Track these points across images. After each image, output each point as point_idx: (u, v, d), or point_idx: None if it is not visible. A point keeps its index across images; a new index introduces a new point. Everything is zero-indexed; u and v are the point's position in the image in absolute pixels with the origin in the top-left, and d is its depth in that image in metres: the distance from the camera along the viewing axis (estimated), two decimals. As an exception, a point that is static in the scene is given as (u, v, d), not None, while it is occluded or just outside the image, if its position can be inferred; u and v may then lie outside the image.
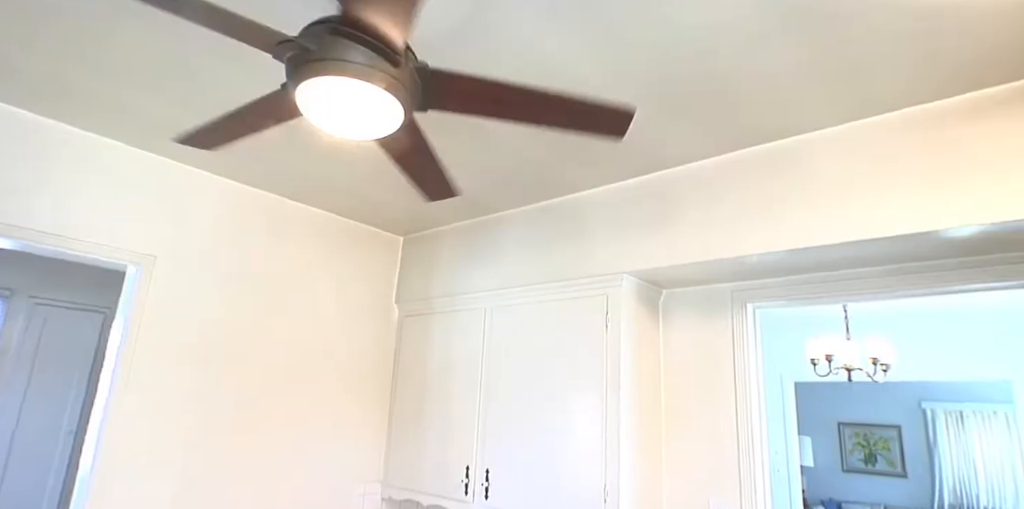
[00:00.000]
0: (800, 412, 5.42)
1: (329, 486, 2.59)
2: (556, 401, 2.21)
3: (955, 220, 1.55)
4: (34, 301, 3.30)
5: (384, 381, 2.88)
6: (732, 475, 2.04)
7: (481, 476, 2.35)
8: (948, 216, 1.56)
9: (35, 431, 3.18)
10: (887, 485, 7.79)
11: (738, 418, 2.08)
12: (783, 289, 2.12)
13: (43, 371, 3.25)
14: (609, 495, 1.97)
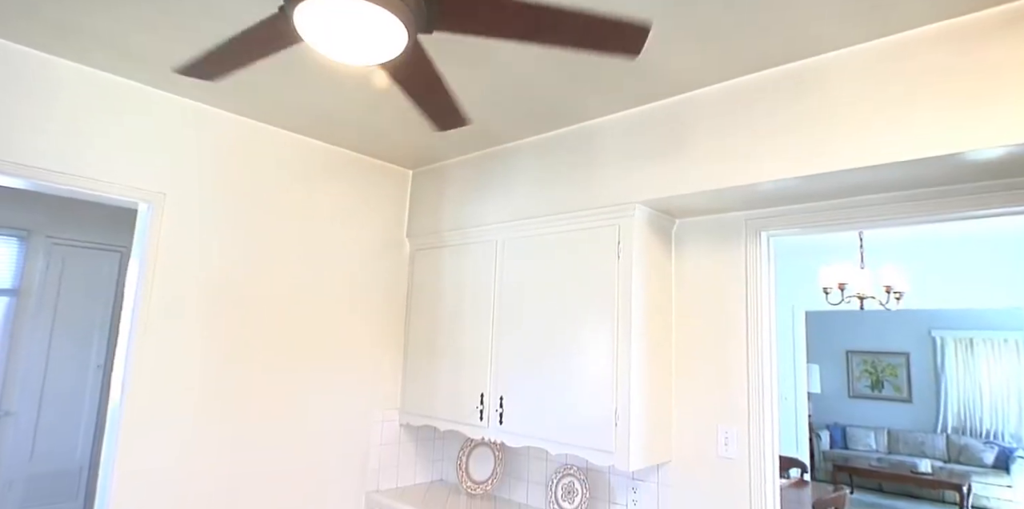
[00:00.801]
0: (809, 341, 5.50)
1: (348, 414, 2.70)
2: (568, 330, 2.24)
3: (980, 141, 1.49)
4: (51, 241, 3.34)
5: (398, 313, 2.94)
6: (740, 402, 2.09)
7: (495, 403, 2.43)
8: (973, 138, 1.50)
9: (66, 367, 3.31)
10: (892, 409, 8.01)
11: (748, 347, 2.10)
12: (798, 216, 2.09)
13: (67, 309, 3.34)
14: (619, 419, 2.04)
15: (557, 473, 2.45)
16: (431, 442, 3.01)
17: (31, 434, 3.16)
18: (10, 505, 3.07)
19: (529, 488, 2.65)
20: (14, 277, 3.23)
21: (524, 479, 2.67)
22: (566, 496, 2.38)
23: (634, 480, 2.28)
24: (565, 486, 2.40)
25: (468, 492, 2.73)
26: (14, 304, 3.21)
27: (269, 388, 2.45)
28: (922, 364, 7.83)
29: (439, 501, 2.61)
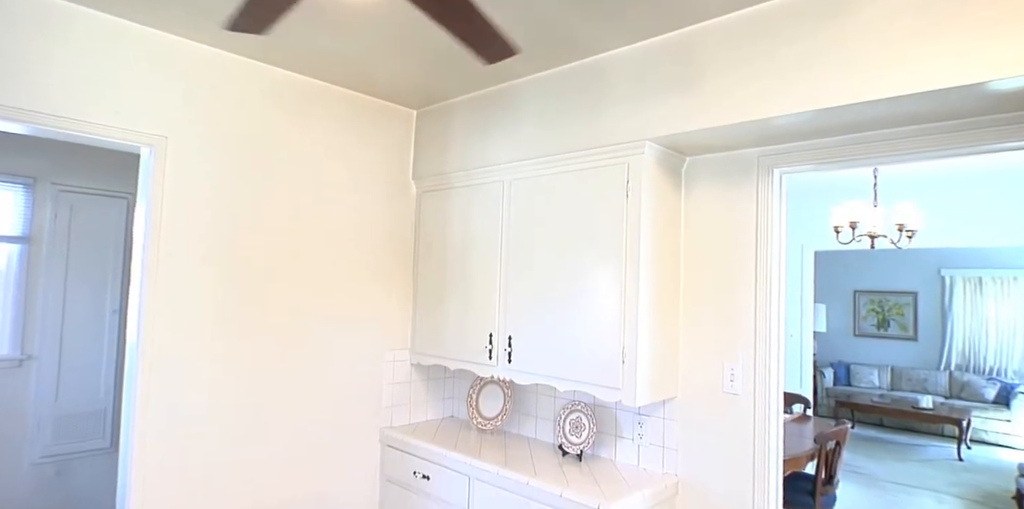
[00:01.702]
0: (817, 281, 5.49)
1: (360, 354, 2.75)
2: (576, 270, 2.24)
3: (1003, 71, 1.41)
4: (58, 188, 3.33)
5: (406, 255, 2.94)
6: (747, 341, 2.10)
7: (504, 342, 2.46)
8: (996, 67, 1.42)
9: (82, 312, 3.37)
10: (897, 348, 8.11)
11: (757, 286, 2.09)
12: (811, 153, 2.02)
13: (79, 256, 3.37)
14: (627, 357, 2.06)
15: (565, 409, 2.51)
16: (441, 381, 3.09)
17: (55, 377, 3.26)
18: (42, 443, 3.21)
19: (538, 423, 2.73)
20: (23, 225, 3.24)
21: (533, 415, 2.75)
22: (574, 431, 2.45)
23: (640, 415, 2.34)
24: (573, 421, 2.46)
25: (479, 428, 2.82)
26: (26, 251, 3.24)
27: (281, 329, 2.49)
28: (929, 303, 7.85)
29: (451, 436, 2.69)
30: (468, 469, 2.36)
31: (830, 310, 8.23)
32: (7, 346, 3.18)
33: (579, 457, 2.40)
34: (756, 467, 2.04)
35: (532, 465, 2.29)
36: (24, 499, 3.16)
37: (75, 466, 3.32)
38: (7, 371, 3.15)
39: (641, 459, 2.33)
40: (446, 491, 2.44)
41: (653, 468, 2.28)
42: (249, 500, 2.38)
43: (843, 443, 3.56)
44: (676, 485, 2.20)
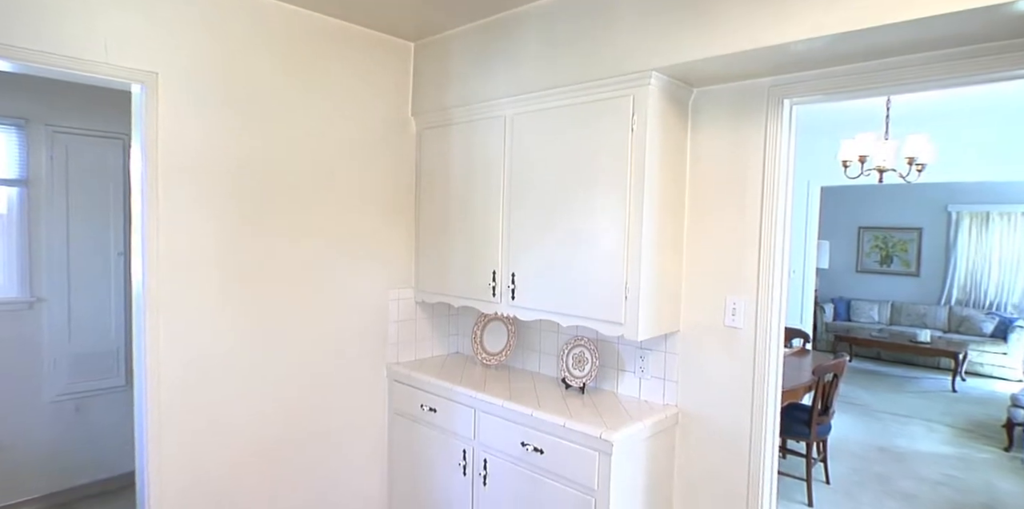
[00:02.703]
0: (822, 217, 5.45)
1: (365, 292, 2.78)
2: (579, 206, 2.21)
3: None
4: (52, 130, 3.25)
5: (408, 194, 2.91)
6: (751, 276, 2.10)
7: (507, 279, 2.47)
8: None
9: (87, 254, 3.38)
10: (898, 283, 8.16)
11: (762, 222, 2.06)
12: (825, 82, 1.94)
13: (79, 199, 3.34)
14: (629, 292, 2.07)
15: (568, 344, 2.55)
16: (446, 318, 3.13)
17: (65, 318, 3.32)
18: (59, 380, 3.31)
19: (541, 358, 2.78)
20: (19, 167, 3.19)
21: (536, 350, 2.80)
22: (576, 365, 2.50)
23: (642, 349, 2.37)
24: (576, 356, 2.51)
25: (483, 363, 2.88)
26: (25, 195, 3.21)
27: (286, 269, 2.49)
28: (934, 239, 7.83)
29: (456, 370, 2.76)
30: (473, 402, 2.43)
31: (833, 246, 8.23)
32: (16, 289, 3.21)
33: (582, 390, 2.46)
34: (755, 398, 2.08)
35: (536, 397, 2.35)
36: (47, 434, 3.29)
37: (93, 403, 3.44)
38: (19, 313, 3.20)
39: (642, 391, 2.38)
40: (453, 423, 2.52)
41: (654, 400, 2.34)
42: (262, 433, 2.46)
43: (840, 375, 3.64)
44: (676, 416, 2.26)
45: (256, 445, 2.45)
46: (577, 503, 2.05)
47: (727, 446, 2.15)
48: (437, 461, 2.60)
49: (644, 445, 2.12)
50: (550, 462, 2.13)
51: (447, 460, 2.55)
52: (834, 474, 3.92)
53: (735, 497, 2.13)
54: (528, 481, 2.21)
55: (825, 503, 3.53)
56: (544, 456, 2.15)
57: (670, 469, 2.27)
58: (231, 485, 2.38)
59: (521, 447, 2.22)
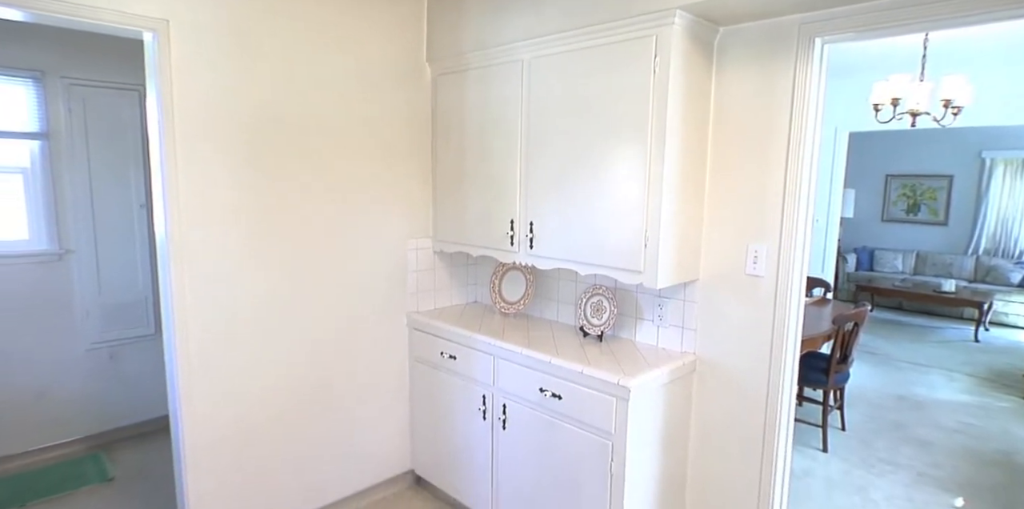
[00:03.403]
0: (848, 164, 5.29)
1: (384, 242, 2.79)
2: (599, 153, 2.16)
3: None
4: (68, 82, 3.24)
5: (424, 143, 2.87)
6: (774, 224, 2.05)
7: (525, 228, 2.45)
8: None
9: (110, 206, 3.43)
10: (925, 233, 8.00)
11: (788, 169, 2.00)
12: (860, 17, 1.83)
13: (99, 151, 3.36)
14: (649, 240, 2.04)
15: (586, 293, 2.55)
16: (464, 268, 3.14)
17: (94, 269, 3.39)
18: (92, 330, 3.42)
19: (559, 307, 2.80)
20: (39, 121, 3.20)
21: (554, 299, 2.81)
22: (595, 313, 2.51)
23: (661, 297, 2.37)
24: (594, 304, 2.52)
25: (501, 312, 2.91)
26: (47, 148, 3.23)
27: (305, 218, 2.50)
28: (964, 187, 7.60)
29: (475, 319, 2.79)
30: (492, 349, 2.46)
31: (859, 195, 8.04)
32: (46, 241, 3.28)
33: (599, 338, 2.48)
34: (774, 346, 2.08)
35: (554, 345, 2.38)
36: (85, 381, 3.43)
37: (126, 351, 3.56)
38: (49, 265, 3.28)
39: (660, 339, 2.40)
40: (472, 370, 2.57)
41: (672, 347, 2.35)
42: (287, 380, 2.54)
43: (861, 324, 3.62)
44: (694, 363, 2.28)
45: (282, 392, 2.53)
46: (594, 446, 2.10)
47: (744, 393, 2.17)
48: (457, 406, 2.67)
49: (661, 391, 2.14)
50: (568, 407, 2.18)
51: (467, 405, 2.61)
52: (850, 421, 3.97)
53: (751, 442, 2.17)
54: (546, 425, 2.26)
55: (840, 449, 3.58)
56: (562, 402, 2.19)
57: (687, 415, 2.31)
58: (260, 428, 2.48)
59: (539, 393, 2.27)
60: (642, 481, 2.11)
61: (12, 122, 3.15)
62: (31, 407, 3.26)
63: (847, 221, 7.79)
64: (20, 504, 2.86)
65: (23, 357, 3.22)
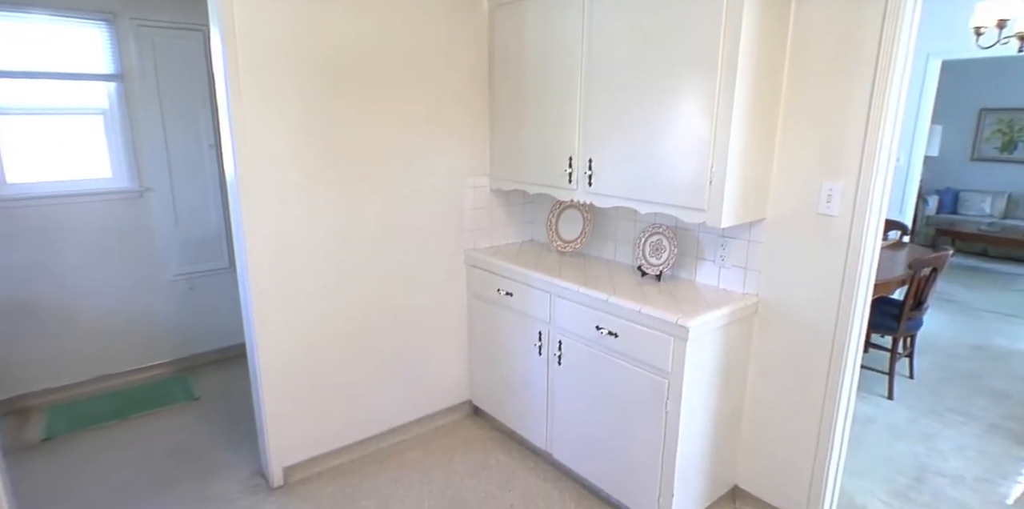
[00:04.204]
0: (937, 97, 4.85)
1: (441, 179, 2.79)
2: (664, 87, 2.05)
3: None
4: (136, 23, 3.30)
5: (481, 78, 2.80)
6: (852, 160, 1.91)
7: (584, 166, 2.39)
8: None
9: (182, 146, 3.55)
10: (1019, 173, 7.36)
11: (872, 102, 1.84)
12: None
13: (169, 92, 3.45)
14: (714, 177, 1.96)
15: (645, 232, 2.50)
16: (521, 206, 3.12)
17: (171, 206, 3.57)
18: (173, 263, 3.65)
19: (617, 246, 2.76)
20: (113, 62, 3.29)
21: (612, 238, 2.78)
22: (653, 253, 2.46)
23: (724, 237, 2.30)
24: (653, 244, 2.47)
25: (558, 250, 2.90)
26: (122, 89, 3.34)
27: (366, 155, 2.52)
28: (1073, 123, 6.88)
29: (531, 257, 2.80)
30: (549, 287, 2.47)
31: (945, 131, 7.42)
32: (127, 179, 3.46)
33: (658, 278, 2.44)
34: (844, 290, 2.00)
35: (611, 284, 2.36)
36: (168, 309, 3.69)
37: (204, 282, 3.79)
38: (131, 202, 3.47)
39: (721, 280, 2.34)
40: (528, 306, 2.60)
41: (733, 289, 2.30)
42: (351, 314, 2.64)
43: (940, 270, 3.43)
44: (756, 305, 2.22)
45: (348, 322, 2.64)
46: (650, 384, 2.11)
47: (809, 337, 2.11)
48: (513, 341, 2.73)
49: (720, 332, 2.11)
50: (624, 345, 2.18)
51: (523, 341, 2.67)
52: (919, 370, 3.84)
53: (812, 388, 2.13)
54: (601, 362, 2.28)
55: (907, 397, 3.49)
56: (618, 339, 2.20)
57: (746, 357, 2.28)
58: (328, 355, 2.61)
59: (596, 330, 2.28)
60: (697, 420, 2.13)
61: (89, 64, 3.26)
62: (126, 331, 3.55)
63: (931, 160, 7.24)
64: (123, 416, 3.18)
65: (117, 286, 3.47)
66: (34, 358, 3.28)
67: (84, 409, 3.25)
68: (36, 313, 3.26)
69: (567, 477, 2.63)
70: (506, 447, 2.89)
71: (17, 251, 3.16)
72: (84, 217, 3.33)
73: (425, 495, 2.52)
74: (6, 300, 3.17)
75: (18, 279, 3.18)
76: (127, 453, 2.85)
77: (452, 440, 2.96)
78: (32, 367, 3.29)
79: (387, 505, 2.46)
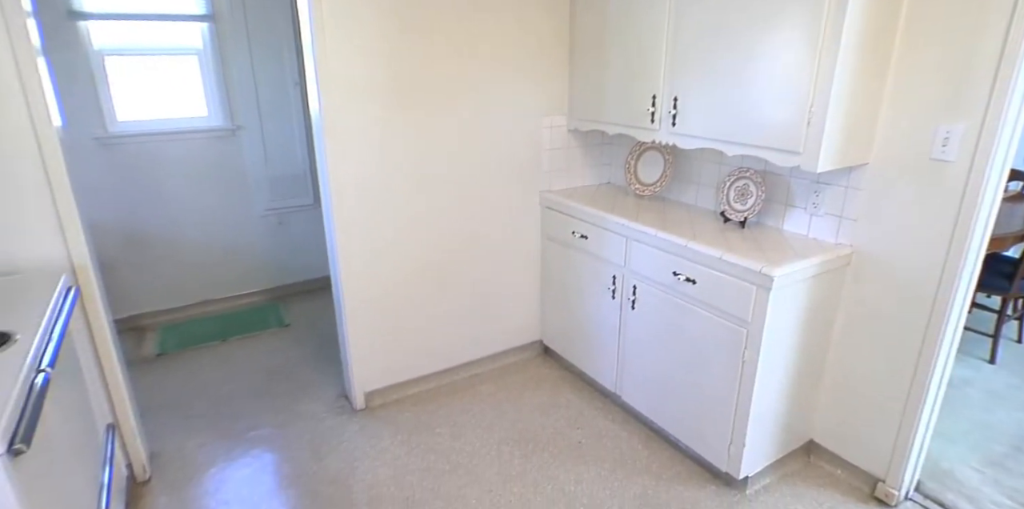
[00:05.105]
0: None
1: (518, 119, 2.73)
2: (761, 17, 1.86)
3: None
4: (224, -36, 3.36)
5: (561, 12, 2.65)
6: (977, 101, 1.69)
7: (668, 104, 2.26)
8: None
9: (270, 85, 3.64)
10: None
11: (1010, 31, 1.59)
12: None
13: (257, 32, 3.51)
14: (814, 117, 1.80)
15: (731, 176, 2.37)
16: (599, 147, 3.02)
17: (261, 144, 3.71)
18: (263, 198, 3.84)
19: (699, 190, 2.64)
20: (205, 2, 3.37)
21: (694, 182, 2.65)
22: (738, 198, 2.33)
23: (819, 183, 2.14)
24: (739, 188, 2.34)
25: (636, 193, 2.80)
26: (214, 29, 3.43)
27: (445, 93, 2.50)
28: None
29: (608, 200, 2.72)
30: (625, 230, 2.41)
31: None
32: (220, 118, 3.61)
33: (742, 224, 2.33)
34: (953, 244, 1.82)
35: (691, 229, 2.27)
36: (259, 242, 3.92)
37: (292, 218, 3.98)
38: (225, 139, 3.63)
39: (812, 229, 2.20)
40: (603, 250, 2.56)
41: (825, 238, 2.16)
42: (428, 252, 2.70)
43: (1068, 225, 3.07)
44: (850, 256, 2.08)
45: (425, 260, 2.71)
46: (727, 333, 2.05)
47: (907, 293, 1.96)
48: (586, 284, 2.71)
49: (807, 283, 2.00)
50: (702, 292, 2.12)
51: (596, 284, 2.64)
52: (1029, 332, 3.53)
53: (906, 346, 2.00)
54: (677, 309, 2.24)
55: (1011, 362, 3.23)
56: (696, 286, 2.13)
57: (833, 310, 2.16)
58: (406, 292, 2.71)
59: (672, 276, 2.22)
60: (775, 371, 2.06)
61: (184, 5, 3.35)
62: (224, 262, 3.81)
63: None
64: (223, 338, 3.47)
65: (215, 219, 3.71)
66: (147, 282, 3.61)
67: (190, 329, 3.57)
68: (147, 241, 3.54)
69: (635, 420, 2.66)
70: (575, 387, 2.94)
71: (129, 184, 3.41)
72: (184, 154, 3.52)
73: (496, 426, 2.63)
74: (121, 229, 3.46)
75: (130, 210, 3.45)
76: (228, 370, 3.12)
77: (523, 377, 3.04)
78: (146, 290, 3.62)
79: (460, 433, 2.58)
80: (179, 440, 2.55)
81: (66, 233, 1.92)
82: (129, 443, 2.24)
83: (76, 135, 3.20)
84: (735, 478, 2.18)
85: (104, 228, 3.40)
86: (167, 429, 2.63)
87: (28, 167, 1.83)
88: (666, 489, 2.24)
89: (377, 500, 2.19)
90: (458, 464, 2.39)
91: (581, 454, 2.44)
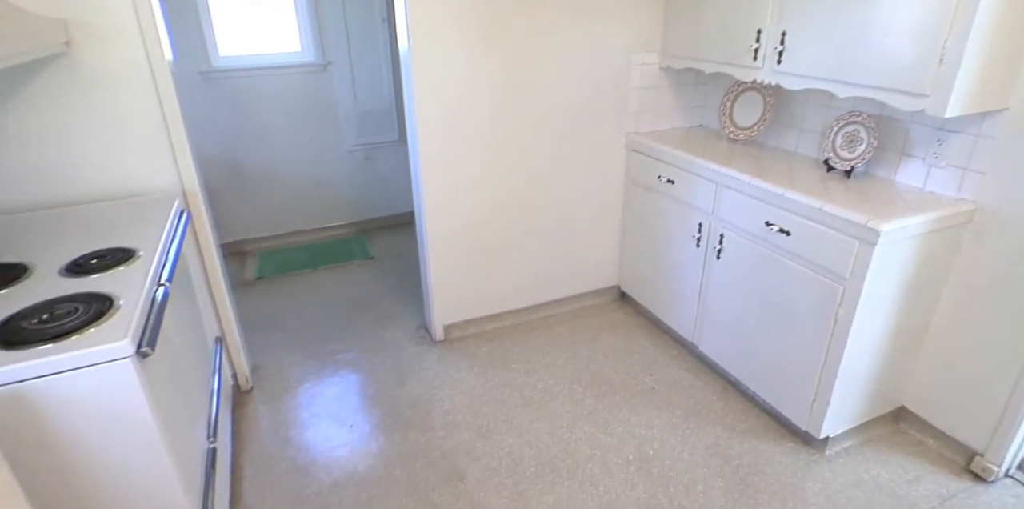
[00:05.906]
0: None
1: (606, 55, 2.60)
2: (900, -67, 1.65)
3: None
4: None
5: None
6: None
7: (775, 40, 2.08)
8: None
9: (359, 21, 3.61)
10: None
11: None
12: None
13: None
14: (947, 54, 1.60)
15: (840, 120, 2.18)
16: (692, 87, 2.85)
17: (350, 80, 3.75)
18: (351, 134, 3.92)
19: (800, 136, 2.46)
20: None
21: (796, 127, 2.47)
22: (846, 145, 2.16)
23: (943, 130, 1.93)
24: (847, 134, 2.16)
25: (730, 138, 2.65)
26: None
27: (530, 28, 2.41)
28: None
29: (698, 144, 2.59)
30: (716, 176, 2.30)
31: None
32: (312, 53, 3.66)
33: (848, 174, 2.16)
34: (1094, 200, 1.63)
35: (789, 177, 2.14)
36: (349, 176, 4.04)
37: (378, 154, 4.06)
38: (317, 75, 3.69)
39: (929, 182, 2.01)
40: (691, 196, 2.46)
41: (944, 192, 1.97)
42: (510, 190, 2.70)
43: None
44: (972, 213, 1.89)
45: (506, 198, 2.71)
46: (821, 289, 1.95)
47: (1031, 253, 1.78)
48: (670, 231, 2.64)
49: (919, 240, 1.85)
50: (796, 245, 2.01)
51: (681, 231, 2.57)
52: None
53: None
54: (766, 260, 2.14)
55: None
56: (790, 238, 2.03)
57: (945, 271, 1.99)
58: (487, 230, 2.74)
59: (765, 226, 2.12)
60: (870, 332, 1.96)
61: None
62: (314, 194, 3.98)
63: None
64: (313, 266, 3.68)
65: (306, 153, 3.85)
66: (246, 211, 3.83)
67: (284, 257, 3.80)
68: (245, 172, 3.74)
69: (711, 371, 2.63)
70: (650, 333, 2.93)
71: (230, 117, 3.57)
72: (280, 88, 3.62)
73: (569, 367, 2.68)
74: (223, 159, 3.65)
75: (230, 141, 3.63)
76: (318, 296, 3.33)
77: (598, 321, 3.06)
78: (245, 218, 3.85)
79: (534, 370, 2.65)
80: (277, 356, 2.77)
81: (178, 161, 2.05)
82: (234, 355, 2.45)
83: (184, 69, 3.35)
84: (815, 437, 2.14)
85: (209, 159, 3.60)
86: (266, 346, 2.86)
87: (145, 99, 1.94)
88: (739, 441, 2.23)
89: (453, 425, 2.31)
90: (531, 399, 2.47)
91: (653, 400, 2.46)
